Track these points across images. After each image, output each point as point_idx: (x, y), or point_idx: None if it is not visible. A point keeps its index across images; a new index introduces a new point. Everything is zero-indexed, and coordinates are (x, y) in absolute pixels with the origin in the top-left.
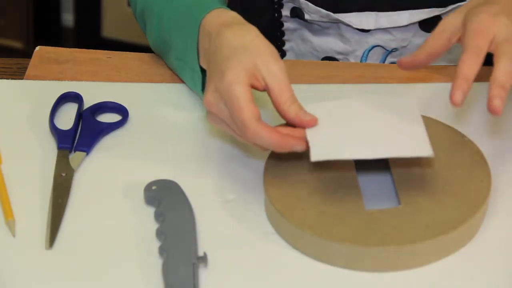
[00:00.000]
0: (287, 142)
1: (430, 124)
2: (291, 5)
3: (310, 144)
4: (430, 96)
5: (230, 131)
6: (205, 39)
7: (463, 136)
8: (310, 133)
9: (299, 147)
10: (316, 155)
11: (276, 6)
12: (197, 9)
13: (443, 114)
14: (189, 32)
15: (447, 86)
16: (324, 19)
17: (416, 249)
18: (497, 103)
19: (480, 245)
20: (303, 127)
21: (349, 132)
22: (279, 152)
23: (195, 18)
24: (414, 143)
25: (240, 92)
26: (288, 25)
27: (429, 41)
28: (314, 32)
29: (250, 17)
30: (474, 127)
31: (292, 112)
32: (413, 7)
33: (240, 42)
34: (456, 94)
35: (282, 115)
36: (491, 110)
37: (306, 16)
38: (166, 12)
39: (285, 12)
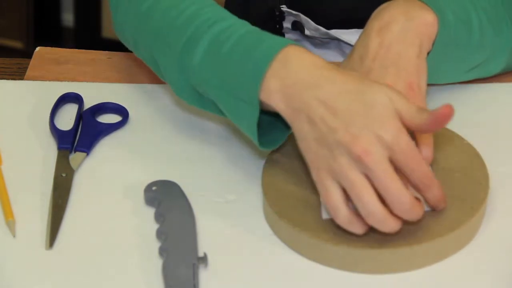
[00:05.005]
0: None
1: None
2: (292, 18)
3: (322, 202)
4: (429, 98)
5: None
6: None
7: (462, 139)
8: None
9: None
10: (326, 214)
11: (277, 18)
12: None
13: None
14: (247, 64)
15: (446, 88)
16: (324, 36)
17: (414, 251)
18: None
19: (479, 248)
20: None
21: None
22: (278, 156)
23: (267, 49)
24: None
25: (413, 144)
26: (289, 36)
27: None
28: (315, 45)
29: None
30: (473, 129)
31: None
32: None
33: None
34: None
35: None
36: None
37: (306, 32)
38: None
39: (287, 24)
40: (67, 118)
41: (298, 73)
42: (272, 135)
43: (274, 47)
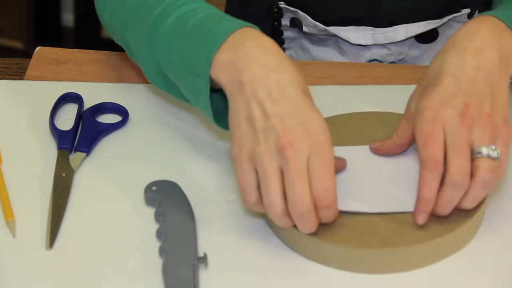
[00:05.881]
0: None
1: None
2: (290, 15)
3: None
4: None
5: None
6: (237, 51)
7: None
8: None
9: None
10: (348, 206)
11: (276, 15)
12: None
13: None
14: (205, 39)
15: None
16: (322, 33)
17: (413, 251)
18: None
19: (479, 247)
20: None
21: (356, 182)
22: None
23: (220, 30)
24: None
25: (332, 153)
26: (288, 33)
27: (398, 131)
28: (313, 42)
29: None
30: None
31: None
32: (409, 21)
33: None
34: (419, 216)
35: None
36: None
37: (304, 29)
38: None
39: (285, 21)
40: (67, 118)
41: (251, 50)
42: None
43: (233, 26)
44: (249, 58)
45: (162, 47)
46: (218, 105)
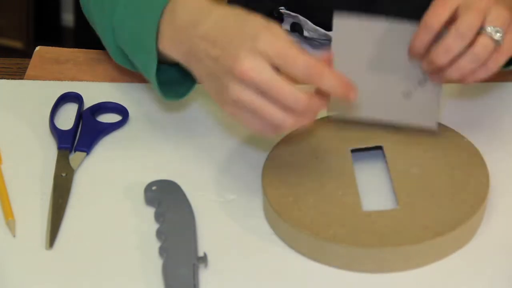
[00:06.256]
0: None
1: None
2: (291, 20)
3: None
4: None
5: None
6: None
7: (462, 137)
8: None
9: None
10: (332, 109)
11: (276, 20)
12: None
13: (443, 115)
14: (146, 17)
15: (447, 87)
16: (323, 37)
17: (414, 250)
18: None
19: (479, 246)
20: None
21: (367, 83)
22: (278, 155)
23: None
24: (423, 112)
25: (292, 42)
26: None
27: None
28: (314, 46)
29: None
30: (473, 128)
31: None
32: None
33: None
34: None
35: None
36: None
37: (305, 33)
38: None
39: (285, 26)
40: (67, 118)
41: (182, 16)
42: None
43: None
44: (180, 26)
45: (117, 29)
46: (174, 75)
